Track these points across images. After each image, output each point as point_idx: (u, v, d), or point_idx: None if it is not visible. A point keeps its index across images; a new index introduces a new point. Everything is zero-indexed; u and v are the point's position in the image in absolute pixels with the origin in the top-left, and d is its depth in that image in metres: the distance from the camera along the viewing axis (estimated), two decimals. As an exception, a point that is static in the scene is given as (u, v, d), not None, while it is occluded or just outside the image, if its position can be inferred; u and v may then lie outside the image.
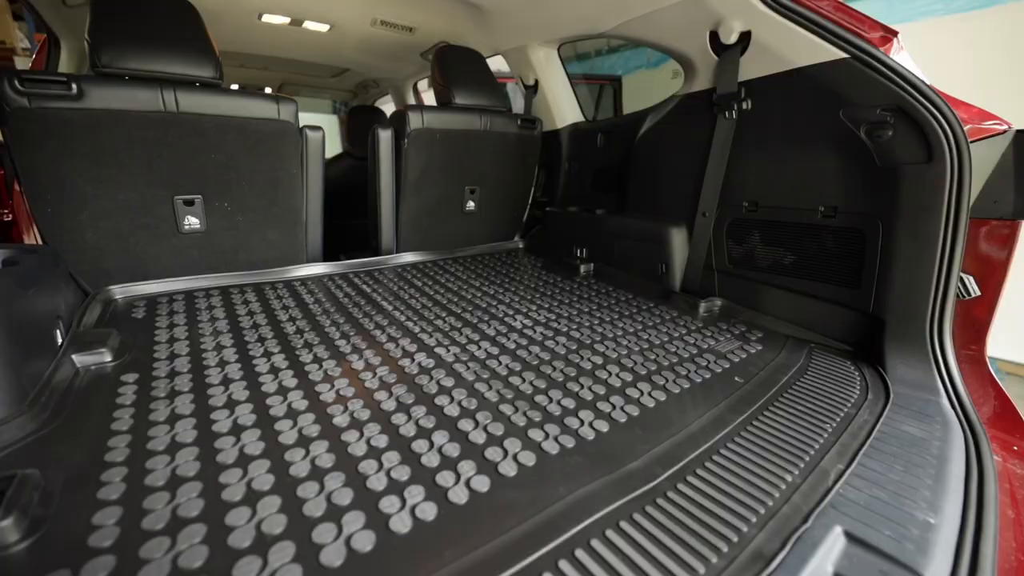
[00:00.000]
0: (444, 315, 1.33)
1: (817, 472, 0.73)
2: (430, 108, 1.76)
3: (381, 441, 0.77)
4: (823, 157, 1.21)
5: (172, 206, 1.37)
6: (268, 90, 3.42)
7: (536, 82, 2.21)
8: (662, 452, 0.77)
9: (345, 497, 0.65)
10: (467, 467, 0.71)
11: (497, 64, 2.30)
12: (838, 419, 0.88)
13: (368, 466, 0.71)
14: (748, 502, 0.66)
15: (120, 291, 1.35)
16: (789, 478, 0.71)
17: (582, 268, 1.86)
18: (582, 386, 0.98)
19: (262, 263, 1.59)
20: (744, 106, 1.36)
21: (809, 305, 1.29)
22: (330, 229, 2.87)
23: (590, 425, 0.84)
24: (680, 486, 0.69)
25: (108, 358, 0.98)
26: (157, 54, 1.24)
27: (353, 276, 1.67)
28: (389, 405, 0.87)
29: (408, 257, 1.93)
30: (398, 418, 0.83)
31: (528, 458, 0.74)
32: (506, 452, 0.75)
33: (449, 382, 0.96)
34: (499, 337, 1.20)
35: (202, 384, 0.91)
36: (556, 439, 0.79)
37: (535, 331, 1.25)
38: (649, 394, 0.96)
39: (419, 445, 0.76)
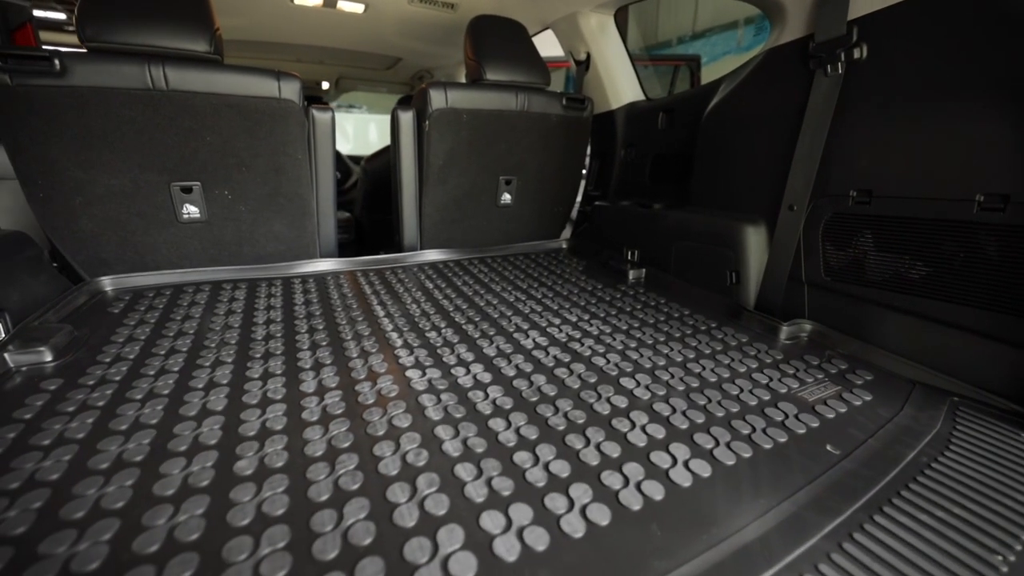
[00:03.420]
0: (442, 326, 1.10)
1: None
2: (456, 85, 1.53)
3: (277, 505, 0.55)
4: (986, 119, 0.81)
5: (169, 193, 1.27)
6: (325, 85, 3.43)
7: (588, 56, 1.91)
8: None
9: None
10: (369, 570, 0.47)
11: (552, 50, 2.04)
12: (1020, 542, 0.52)
13: (237, 547, 0.49)
14: None
15: (111, 282, 1.27)
16: None
17: (631, 274, 1.54)
18: (587, 441, 0.69)
19: (268, 257, 1.47)
20: (856, 54, 0.97)
21: (951, 338, 0.89)
22: (371, 224, 2.80)
23: (581, 512, 0.56)
24: (710, 661, 0.40)
25: (48, 357, 0.87)
26: (144, 26, 1.13)
27: (361, 275, 1.49)
28: (315, 448, 0.65)
29: (431, 255, 1.73)
30: (315, 471, 0.61)
31: (465, 566, 0.48)
32: (436, 550, 0.50)
33: (404, 421, 0.72)
34: (497, 359, 0.94)
35: (120, 400, 0.76)
36: (520, 534, 0.52)
37: (547, 353, 0.97)
38: (686, 464, 0.65)
39: (321, 519, 0.53)
